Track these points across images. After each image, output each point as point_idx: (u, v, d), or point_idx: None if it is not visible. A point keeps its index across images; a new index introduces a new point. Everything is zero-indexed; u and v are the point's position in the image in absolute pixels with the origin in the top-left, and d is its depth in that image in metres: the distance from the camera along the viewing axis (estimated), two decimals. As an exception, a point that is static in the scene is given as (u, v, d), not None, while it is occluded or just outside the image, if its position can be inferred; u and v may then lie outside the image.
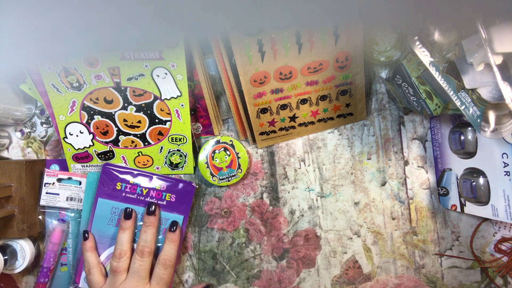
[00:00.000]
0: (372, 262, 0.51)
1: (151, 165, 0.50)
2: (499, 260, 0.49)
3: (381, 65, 0.48)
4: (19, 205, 0.46)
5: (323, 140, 0.50)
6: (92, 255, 0.46)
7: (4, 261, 0.46)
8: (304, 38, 0.41)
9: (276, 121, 0.48)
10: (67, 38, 0.24)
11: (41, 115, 0.51)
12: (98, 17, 0.22)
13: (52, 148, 0.51)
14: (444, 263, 0.51)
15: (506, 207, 0.41)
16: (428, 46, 0.36)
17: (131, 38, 0.26)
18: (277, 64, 0.43)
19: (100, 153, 0.49)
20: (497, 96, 0.33)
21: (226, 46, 0.43)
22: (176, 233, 0.47)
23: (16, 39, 0.23)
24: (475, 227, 0.50)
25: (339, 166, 0.51)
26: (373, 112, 0.50)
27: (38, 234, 0.51)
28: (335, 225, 0.51)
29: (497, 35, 0.29)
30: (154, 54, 0.42)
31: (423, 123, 0.50)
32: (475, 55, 0.32)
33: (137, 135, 0.48)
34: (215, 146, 0.49)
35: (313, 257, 0.52)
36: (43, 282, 0.49)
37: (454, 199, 0.47)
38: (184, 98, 0.45)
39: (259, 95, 0.45)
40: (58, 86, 0.44)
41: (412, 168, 0.50)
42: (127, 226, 0.46)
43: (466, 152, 0.44)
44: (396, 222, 0.51)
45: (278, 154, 0.51)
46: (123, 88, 0.44)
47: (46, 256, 0.49)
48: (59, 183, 0.49)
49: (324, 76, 0.45)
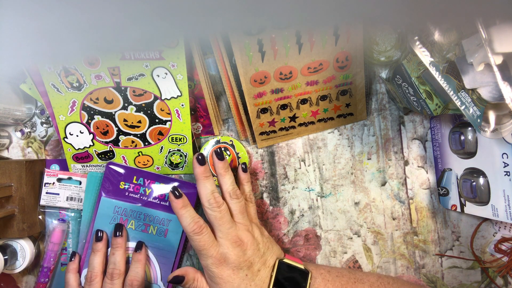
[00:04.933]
0: (372, 262, 0.51)
1: (151, 165, 0.50)
2: (499, 260, 0.49)
3: (381, 65, 0.48)
4: (19, 205, 0.46)
5: (323, 140, 0.50)
6: (72, 277, 0.47)
7: (4, 261, 0.46)
8: (304, 38, 0.41)
9: (276, 121, 0.48)
10: (68, 38, 0.24)
11: (41, 115, 0.51)
12: (98, 17, 0.22)
13: (52, 148, 0.51)
14: (444, 263, 0.51)
15: (506, 207, 0.41)
16: (428, 46, 0.36)
17: (131, 38, 0.26)
18: (277, 64, 0.43)
19: (100, 153, 0.49)
20: (497, 96, 0.33)
21: (226, 46, 0.43)
22: (142, 253, 0.47)
23: (16, 38, 0.23)
24: (475, 227, 0.50)
25: (339, 166, 0.51)
26: (373, 112, 0.50)
27: (38, 234, 0.51)
28: (335, 225, 0.51)
29: (497, 35, 0.29)
30: (154, 54, 0.42)
31: (423, 123, 0.50)
32: (475, 55, 0.32)
33: (137, 135, 0.48)
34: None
35: (313, 257, 0.52)
36: (43, 282, 0.50)
37: (454, 199, 0.47)
38: (184, 98, 0.45)
39: (259, 95, 0.45)
40: (58, 86, 0.44)
41: (412, 168, 0.50)
42: (98, 248, 0.46)
43: (466, 152, 0.44)
44: (397, 222, 0.51)
45: (278, 154, 0.51)
46: (123, 88, 0.44)
47: (46, 256, 0.49)
48: (59, 183, 0.49)
49: (324, 76, 0.45)
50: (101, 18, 0.22)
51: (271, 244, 0.45)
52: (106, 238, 0.48)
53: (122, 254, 0.46)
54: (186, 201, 0.42)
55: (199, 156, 0.42)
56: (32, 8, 0.21)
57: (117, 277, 0.45)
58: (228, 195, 0.43)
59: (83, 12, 0.22)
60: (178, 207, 0.41)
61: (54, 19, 0.22)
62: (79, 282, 0.47)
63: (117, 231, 0.47)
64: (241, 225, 0.43)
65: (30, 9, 0.21)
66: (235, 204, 0.43)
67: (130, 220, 0.48)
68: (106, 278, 0.45)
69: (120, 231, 0.47)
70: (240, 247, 0.41)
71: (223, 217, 0.41)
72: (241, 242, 0.41)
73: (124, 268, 0.46)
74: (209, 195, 0.41)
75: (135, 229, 0.48)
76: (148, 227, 0.48)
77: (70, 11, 0.21)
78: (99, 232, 0.47)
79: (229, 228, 0.41)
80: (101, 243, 0.47)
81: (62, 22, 0.22)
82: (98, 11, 0.22)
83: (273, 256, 0.44)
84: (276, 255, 0.44)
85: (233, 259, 0.41)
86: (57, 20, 0.22)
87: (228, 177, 0.44)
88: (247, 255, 0.41)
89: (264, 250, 0.43)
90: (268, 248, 0.44)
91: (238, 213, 0.43)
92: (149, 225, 0.48)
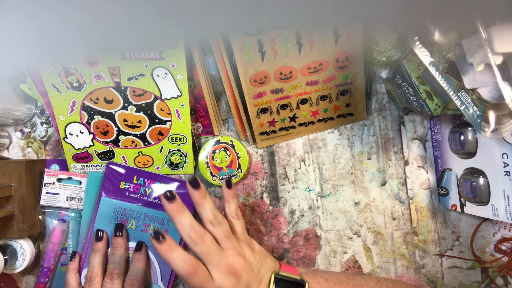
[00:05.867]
0: (372, 262, 0.51)
1: (151, 165, 0.50)
2: (499, 260, 0.49)
3: (381, 65, 0.48)
4: (19, 205, 0.46)
5: (323, 140, 0.50)
6: (72, 276, 0.47)
7: (4, 261, 0.46)
8: (304, 38, 0.41)
9: (276, 121, 0.48)
10: (68, 38, 0.24)
11: (41, 115, 0.51)
12: (98, 17, 0.22)
13: (52, 148, 0.51)
14: (445, 263, 0.51)
15: (506, 207, 0.41)
16: (428, 46, 0.36)
17: (131, 38, 0.26)
18: (277, 64, 0.43)
19: (100, 153, 0.49)
20: (497, 96, 0.33)
21: (226, 46, 0.43)
22: (142, 253, 0.47)
23: (16, 38, 0.23)
24: (475, 227, 0.50)
25: (339, 166, 0.51)
26: (373, 112, 0.50)
27: (38, 234, 0.51)
28: (335, 225, 0.51)
29: (497, 35, 0.29)
30: (154, 54, 0.42)
31: (423, 123, 0.50)
32: (475, 55, 0.32)
33: (137, 135, 0.48)
34: (215, 146, 0.49)
35: (313, 257, 0.52)
36: (43, 282, 0.50)
37: (454, 199, 0.47)
38: (184, 98, 0.45)
39: (259, 95, 0.45)
40: (58, 86, 0.44)
41: (412, 168, 0.50)
42: (98, 248, 0.46)
43: (466, 152, 0.44)
44: (397, 222, 0.51)
45: (278, 154, 0.51)
46: (123, 88, 0.44)
47: (46, 256, 0.49)
48: (59, 183, 0.49)
49: (324, 76, 0.45)
50: (101, 18, 0.22)
51: (264, 259, 0.43)
52: (106, 238, 0.48)
53: (122, 254, 0.46)
54: (173, 242, 0.39)
55: (167, 193, 0.39)
56: (32, 8, 0.21)
57: (117, 277, 0.45)
58: (210, 224, 0.41)
59: (83, 12, 0.22)
60: (166, 248, 0.38)
61: (54, 19, 0.22)
62: (79, 282, 0.47)
63: (117, 231, 0.47)
64: (230, 250, 0.40)
65: (30, 9, 0.21)
66: (219, 231, 0.40)
67: (130, 220, 0.48)
68: (106, 278, 0.45)
69: (120, 231, 0.47)
70: (234, 275, 0.39)
71: (210, 250, 0.39)
72: (234, 270, 0.39)
73: (124, 268, 0.46)
74: (188, 230, 0.39)
75: (135, 229, 0.48)
76: (148, 227, 0.49)
77: (70, 11, 0.21)
78: (99, 232, 0.47)
79: (218, 261, 0.39)
80: (101, 243, 0.47)
81: (62, 22, 0.22)
82: (98, 11, 0.22)
83: (268, 271, 0.42)
84: (271, 269, 0.43)
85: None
86: (57, 20, 0.22)
87: (206, 205, 0.41)
88: (242, 281, 0.40)
89: (258, 267, 0.42)
90: (262, 264, 0.42)
91: (224, 239, 0.40)
92: (149, 225, 0.48)
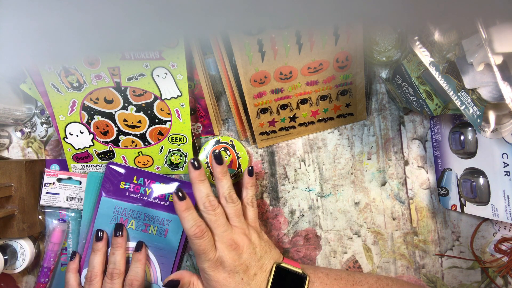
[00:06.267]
0: (372, 262, 0.51)
1: (151, 165, 0.50)
2: (499, 260, 0.49)
3: (381, 65, 0.48)
4: (19, 205, 0.46)
5: (323, 140, 0.50)
6: (72, 276, 0.47)
7: (4, 261, 0.46)
8: (304, 38, 0.41)
9: (276, 121, 0.48)
10: (68, 38, 0.24)
11: (41, 115, 0.51)
12: (98, 17, 0.22)
13: (52, 148, 0.51)
14: (445, 263, 0.51)
15: (506, 207, 0.41)
16: (428, 46, 0.36)
17: (131, 38, 0.26)
18: (277, 64, 0.43)
19: (100, 153, 0.49)
20: (497, 96, 0.33)
21: (226, 46, 0.43)
22: (142, 253, 0.47)
23: (16, 38, 0.23)
24: (475, 227, 0.50)
25: (339, 166, 0.51)
26: (373, 112, 0.50)
27: (38, 234, 0.51)
28: (335, 225, 0.51)
29: (497, 35, 0.29)
30: (154, 54, 0.42)
31: (423, 123, 0.50)
32: (475, 55, 0.32)
33: (137, 135, 0.48)
34: (215, 146, 0.49)
35: (313, 257, 0.52)
36: (43, 282, 0.50)
37: (454, 199, 0.47)
38: (184, 98, 0.45)
39: (259, 95, 0.45)
40: (58, 86, 0.44)
41: (412, 168, 0.50)
42: (98, 248, 0.46)
43: (466, 152, 0.44)
44: (397, 222, 0.51)
45: (278, 154, 0.51)
46: (123, 88, 0.44)
47: (46, 256, 0.49)
48: (59, 183, 0.49)
49: (324, 76, 0.45)
50: (101, 18, 0.22)
51: (269, 248, 0.45)
52: (106, 237, 0.48)
53: (122, 254, 0.46)
54: (190, 203, 0.42)
55: (193, 161, 0.42)
56: (32, 8, 0.21)
57: (117, 277, 0.45)
58: (224, 199, 0.43)
59: (83, 12, 0.22)
60: (181, 209, 0.41)
61: (54, 19, 0.22)
62: (79, 282, 0.47)
63: (117, 231, 0.47)
64: (237, 228, 0.43)
65: (30, 9, 0.21)
66: (230, 208, 0.43)
67: (130, 220, 0.48)
68: (106, 278, 0.45)
69: (120, 231, 0.47)
70: (236, 250, 0.41)
71: (218, 220, 0.41)
72: (237, 246, 0.41)
73: (124, 268, 0.46)
74: (204, 198, 0.42)
75: (135, 229, 0.48)
76: (148, 227, 0.49)
77: (70, 11, 0.21)
78: (99, 232, 0.47)
79: (224, 231, 0.41)
80: (101, 242, 0.47)
81: (62, 22, 0.22)
82: (98, 11, 0.22)
83: (270, 260, 0.44)
84: (274, 259, 0.44)
85: (228, 262, 0.41)
86: (57, 20, 0.22)
87: (225, 181, 0.44)
88: (242, 258, 0.41)
89: (262, 254, 0.43)
90: (266, 252, 0.44)
91: (234, 217, 0.43)
92: (149, 225, 0.48)
